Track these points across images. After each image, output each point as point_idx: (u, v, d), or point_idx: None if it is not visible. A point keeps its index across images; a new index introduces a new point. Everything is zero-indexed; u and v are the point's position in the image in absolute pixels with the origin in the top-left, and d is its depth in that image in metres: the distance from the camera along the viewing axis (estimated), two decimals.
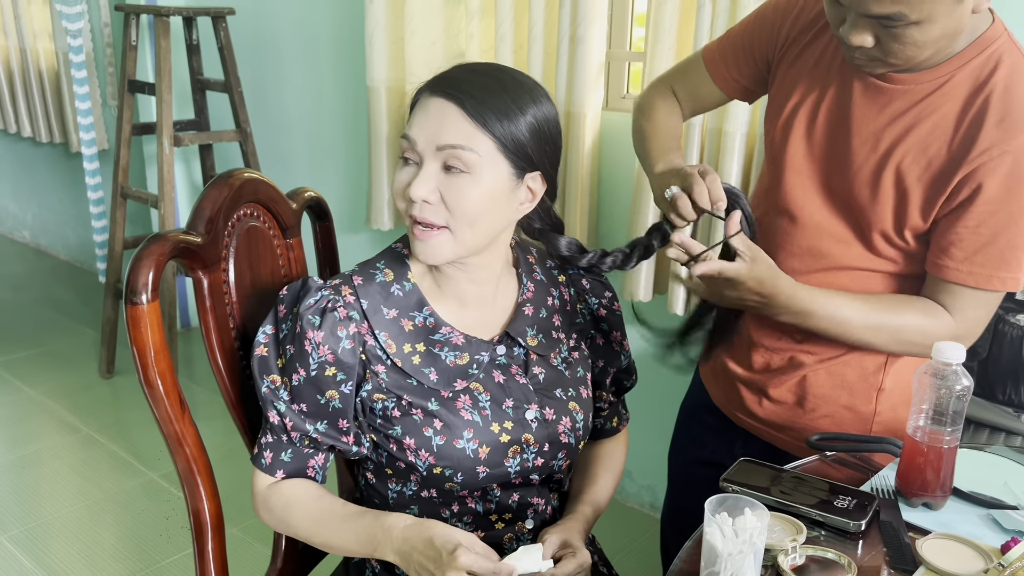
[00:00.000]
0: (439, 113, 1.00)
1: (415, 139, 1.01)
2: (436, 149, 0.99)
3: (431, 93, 1.02)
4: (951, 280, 1.13)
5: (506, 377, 1.09)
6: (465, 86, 1.00)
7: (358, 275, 1.08)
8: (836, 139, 1.19)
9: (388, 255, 1.11)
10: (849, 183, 1.17)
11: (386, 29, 2.51)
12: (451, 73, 1.03)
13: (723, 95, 1.38)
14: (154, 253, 1.02)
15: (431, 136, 1.00)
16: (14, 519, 2.37)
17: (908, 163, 1.13)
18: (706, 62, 1.37)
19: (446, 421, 1.04)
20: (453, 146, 0.99)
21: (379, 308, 1.06)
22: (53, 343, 3.54)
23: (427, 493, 1.08)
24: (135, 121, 3.18)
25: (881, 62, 1.08)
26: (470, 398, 1.06)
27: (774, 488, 1.05)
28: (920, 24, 1.01)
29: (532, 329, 1.13)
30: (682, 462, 1.52)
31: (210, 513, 1.11)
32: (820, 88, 1.21)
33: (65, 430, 2.85)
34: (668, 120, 1.38)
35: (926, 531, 1.00)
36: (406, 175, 1.02)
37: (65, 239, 4.53)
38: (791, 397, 1.30)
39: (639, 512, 2.50)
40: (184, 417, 1.08)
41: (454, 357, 1.07)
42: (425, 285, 1.10)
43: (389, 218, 2.71)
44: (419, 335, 1.06)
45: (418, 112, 1.02)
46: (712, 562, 0.85)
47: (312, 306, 1.03)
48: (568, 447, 1.12)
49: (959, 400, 1.00)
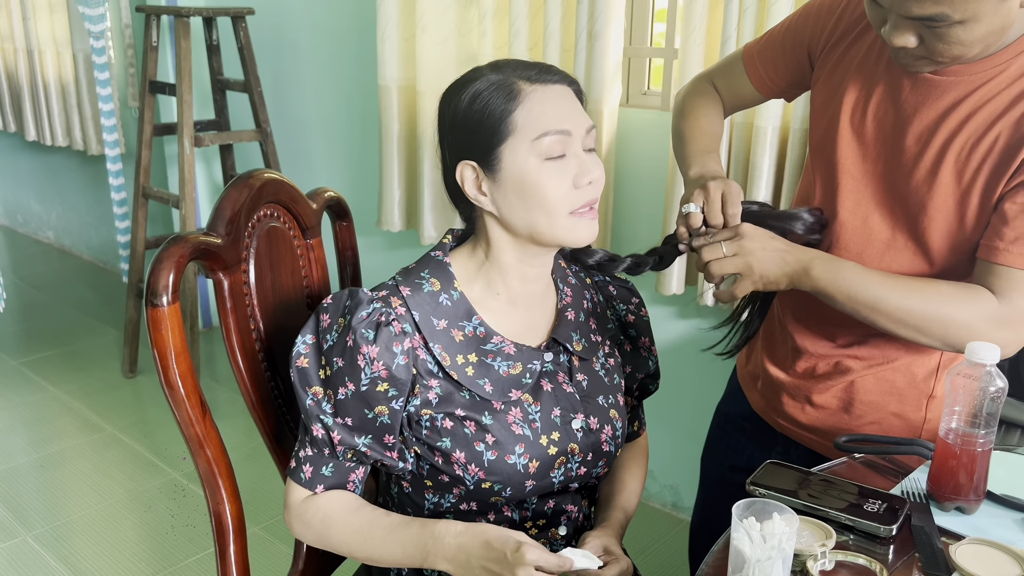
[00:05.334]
0: (567, 96, 1.02)
1: (572, 130, 1.00)
2: (585, 132, 1.01)
3: (541, 82, 1.00)
4: (1000, 262, 1.07)
5: (553, 385, 1.08)
6: (555, 69, 1.03)
7: (404, 285, 1.05)
8: (888, 137, 1.15)
9: (431, 264, 1.07)
10: (905, 182, 1.13)
11: (398, 27, 2.49)
12: (533, 65, 1.03)
13: (760, 96, 1.36)
14: (174, 255, 1.02)
15: (578, 120, 1.01)
16: (38, 518, 2.39)
17: (966, 155, 1.08)
18: (745, 62, 1.35)
19: (498, 436, 1.02)
20: (592, 126, 1.03)
21: (430, 319, 1.03)
22: (76, 343, 3.57)
23: (467, 506, 1.07)
24: (156, 122, 3.19)
25: (928, 60, 1.05)
26: (520, 411, 1.04)
27: (802, 491, 1.03)
28: (965, 23, 0.97)
29: (576, 334, 1.11)
30: (716, 467, 1.50)
31: (231, 515, 1.11)
32: (867, 86, 1.17)
33: (88, 429, 2.88)
34: (707, 121, 1.36)
35: (959, 536, 0.97)
36: (565, 172, 1.00)
37: (88, 240, 4.57)
38: (836, 403, 1.27)
39: (661, 512, 2.48)
40: (205, 419, 1.07)
41: (507, 367, 1.05)
42: (472, 294, 1.07)
43: (400, 220, 2.69)
44: (471, 345, 1.04)
45: (547, 103, 0.99)
46: (739, 567, 0.83)
47: (365, 319, 0.99)
48: (608, 455, 1.11)
49: (993, 402, 0.97)
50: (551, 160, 0.99)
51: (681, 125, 1.37)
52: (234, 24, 2.91)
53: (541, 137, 0.98)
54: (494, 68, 1.02)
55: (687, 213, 1.16)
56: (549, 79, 1.00)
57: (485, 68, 1.03)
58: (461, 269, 1.07)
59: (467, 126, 1.01)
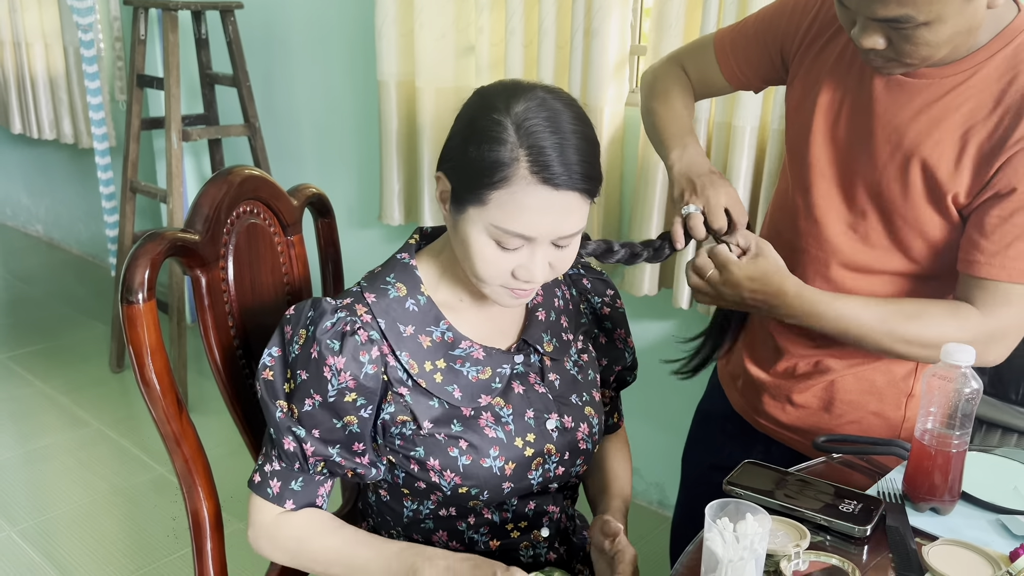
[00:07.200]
0: (563, 207, 0.92)
1: (535, 237, 0.93)
2: (557, 238, 0.95)
3: (546, 184, 0.90)
4: (982, 275, 1.07)
5: (525, 387, 1.07)
6: (575, 166, 0.91)
7: (369, 291, 1.03)
8: (860, 138, 1.15)
9: (396, 268, 1.05)
10: (877, 182, 1.14)
11: (396, 22, 2.49)
12: (552, 151, 0.90)
13: (729, 86, 1.35)
14: (150, 252, 1.01)
15: (552, 231, 0.94)
16: (23, 513, 2.38)
17: (938, 157, 1.08)
18: (716, 50, 1.33)
19: (471, 441, 1.01)
20: (573, 234, 0.96)
21: (396, 326, 1.01)
22: (64, 337, 3.56)
23: (446, 511, 1.06)
24: (144, 116, 3.18)
25: (897, 62, 1.05)
26: (492, 414, 1.03)
27: (778, 491, 1.03)
28: (930, 25, 0.98)
29: (547, 334, 1.11)
30: (696, 465, 1.50)
31: (208, 513, 1.11)
32: (841, 87, 1.17)
33: (75, 424, 2.87)
34: (681, 101, 1.34)
35: (933, 537, 0.98)
36: (509, 260, 0.95)
37: (77, 234, 4.55)
38: (816, 402, 1.27)
39: (647, 509, 2.48)
40: (182, 416, 1.07)
41: (476, 372, 1.04)
42: (438, 297, 1.05)
43: (400, 213, 2.70)
44: (438, 351, 1.03)
45: (527, 207, 0.91)
46: (712, 568, 0.84)
47: (329, 330, 0.97)
48: (586, 453, 1.11)
49: (968, 403, 0.97)
50: (500, 247, 0.95)
51: (653, 105, 1.35)
52: (223, 18, 2.89)
53: (501, 231, 0.93)
54: (530, 122, 0.91)
55: (687, 215, 1.16)
56: (559, 184, 0.91)
57: (526, 111, 0.92)
58: (427, 271, 1.06)
59: (464, 151, 0.95)
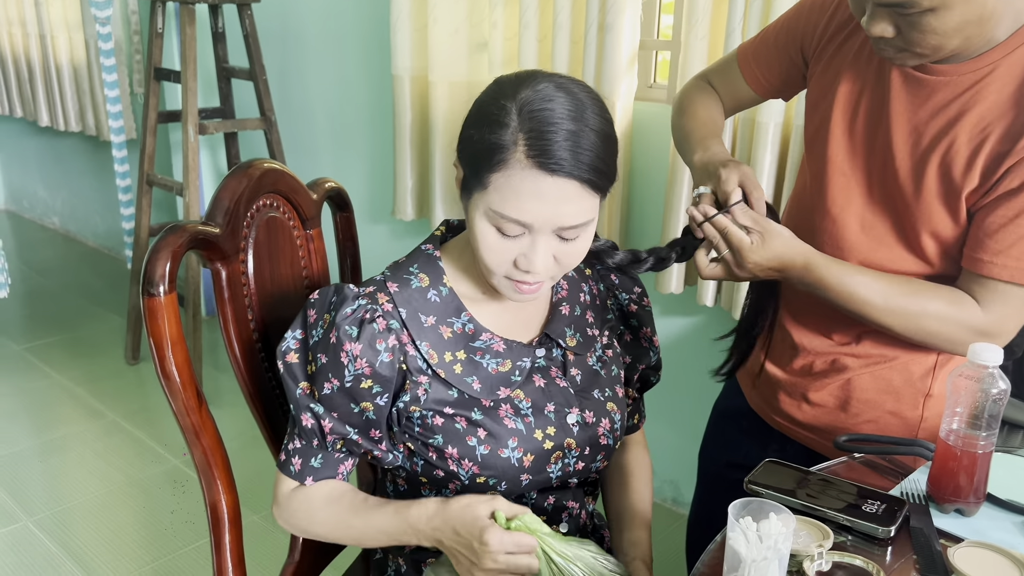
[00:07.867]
0: (559, 194, 0.90)
1: (531, 223, 0.92)
2: (553, 229, 0.93)
3: (541, 168, 0.89)
4: (984, 274, 1.08)
5: (546, 381, 1.07)
6: (576, 153, 0.89)
7: (392, 280, 1.03)
8: (877, 135, 1.14)
9: (420, 258, 1.06)
10: (892, 179, 1.13)
11: (410, 17, 2.49)
12: (552, 136, 0.89)
13: (757, 96, 1.35)
14: (171, 245, 1.01)
15: (549, 219, 0.92)
16: (40, 503, 2.39)
17: (953, 156, 1.07)
18: (740, 62, 1.34)
19: (490, 430, 1.01)
20: (576, 226, 0.94)
21: (417, 316, 1.02)
22: (80, 329, 3.58)
23: None
24: (161, 109, 3.19)
25: (909, 53, 1.04)
26: (511, 406, 1.03)
27: (800, 491, 1.02)
28: (936, 11, 0.97)
29: (570, 329, 1.10)
30: (713, 463, 1.50)
31: (227, 505, 1.11)
32: (859, 83, 1.16)
33: (91, 416, 2.88)
34: (706, 113, 1.34)
35: (958, 538, 0.96)
36: (511, 248, 0.94)
37: (94, 226, 4.57)
38: (833, 401, 1.26)
39: (661, 507, 2.47)
40: (201, 409, 1.07)
41: (496, 364, 1.04)
42: (461, 289, 1.06)
43: (413, 209, 2.70)
44: (459, 342, 1.03)
45: (523, 191, 0.90)
46: (735, 567, 0.83)
47: (349, 316, 0.98)
48: (607, 448, 1.11)
49: (995, 404, 0.96)
50: (501, 233, 0.94)
51: (681, 121, 1.36)
52: (239, 12, 2.90)
53: (498, 215, 0.93)
54: (533, 107, 0.90)
55: (698, 195, 1.15)
56: (554, 169, 0.89)
57: (531, 97, 0.91)
58: (452, 263, 1.06)
59: (470, 136, 0.95)
